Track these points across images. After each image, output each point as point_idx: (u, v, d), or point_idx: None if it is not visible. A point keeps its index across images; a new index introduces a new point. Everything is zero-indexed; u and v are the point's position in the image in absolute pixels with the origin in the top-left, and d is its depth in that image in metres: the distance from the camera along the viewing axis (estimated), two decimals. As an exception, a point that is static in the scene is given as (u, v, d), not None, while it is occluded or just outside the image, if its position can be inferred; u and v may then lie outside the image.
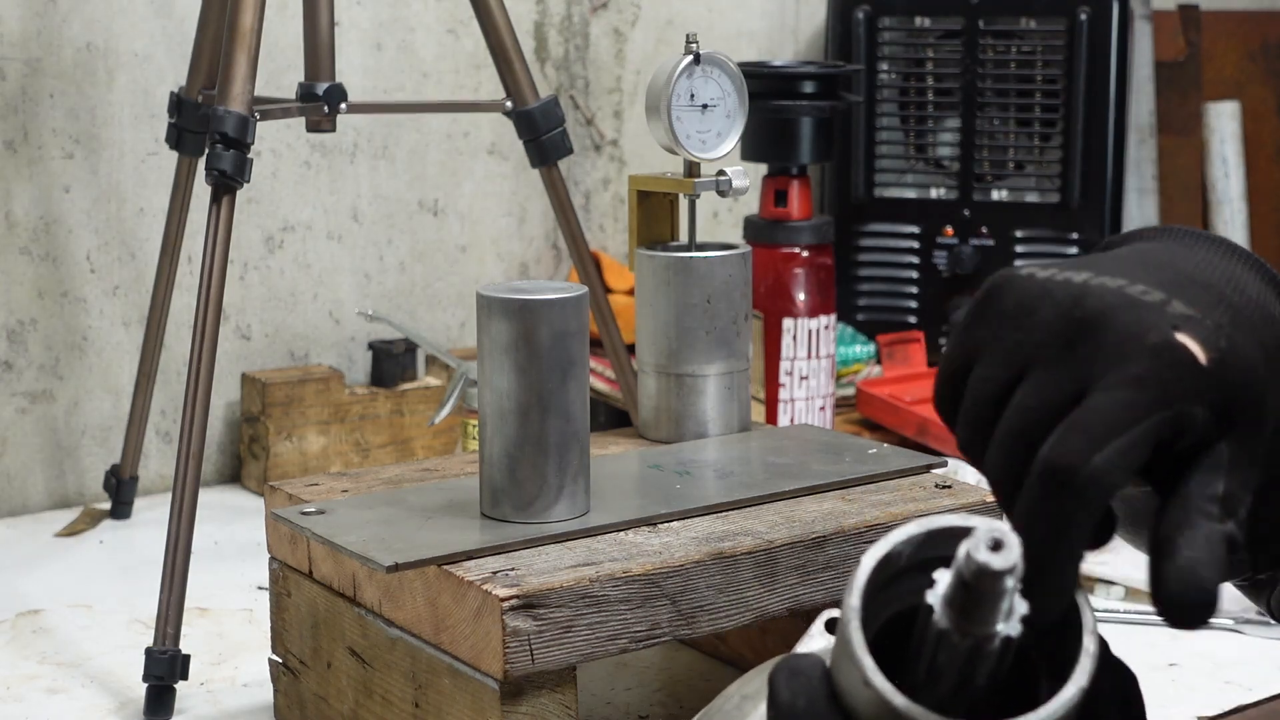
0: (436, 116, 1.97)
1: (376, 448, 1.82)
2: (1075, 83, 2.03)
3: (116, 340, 1.78)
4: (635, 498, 1.11)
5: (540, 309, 1.04)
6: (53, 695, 1.28)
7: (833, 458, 1.20)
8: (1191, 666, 1.32)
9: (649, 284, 1.24)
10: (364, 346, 1.92)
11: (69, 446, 1.77)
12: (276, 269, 1.88)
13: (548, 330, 1.04)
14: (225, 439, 1.86)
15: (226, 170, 1.34)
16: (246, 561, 1.57)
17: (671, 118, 1.19)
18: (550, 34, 2.05)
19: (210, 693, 1.28)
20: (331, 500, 1.10)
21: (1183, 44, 2.44)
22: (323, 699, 1.14)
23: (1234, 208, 2.50)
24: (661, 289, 1.20)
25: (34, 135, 1.71)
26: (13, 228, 1.71)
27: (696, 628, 1.02)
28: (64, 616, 1.44)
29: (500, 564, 0.99)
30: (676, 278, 1.20)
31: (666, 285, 1.19)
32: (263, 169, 1.83)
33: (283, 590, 1.17)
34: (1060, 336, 0.63)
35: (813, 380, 1.70)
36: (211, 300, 1.32)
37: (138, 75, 1.77)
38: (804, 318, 1.68)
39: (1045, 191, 2.07)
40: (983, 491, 1.14)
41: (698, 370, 1.21)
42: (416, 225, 1.97)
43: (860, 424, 1.86)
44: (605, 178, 2.12)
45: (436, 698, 1.01)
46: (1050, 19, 2.05)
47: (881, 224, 2.11)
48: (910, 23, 2.09)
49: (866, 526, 1.07)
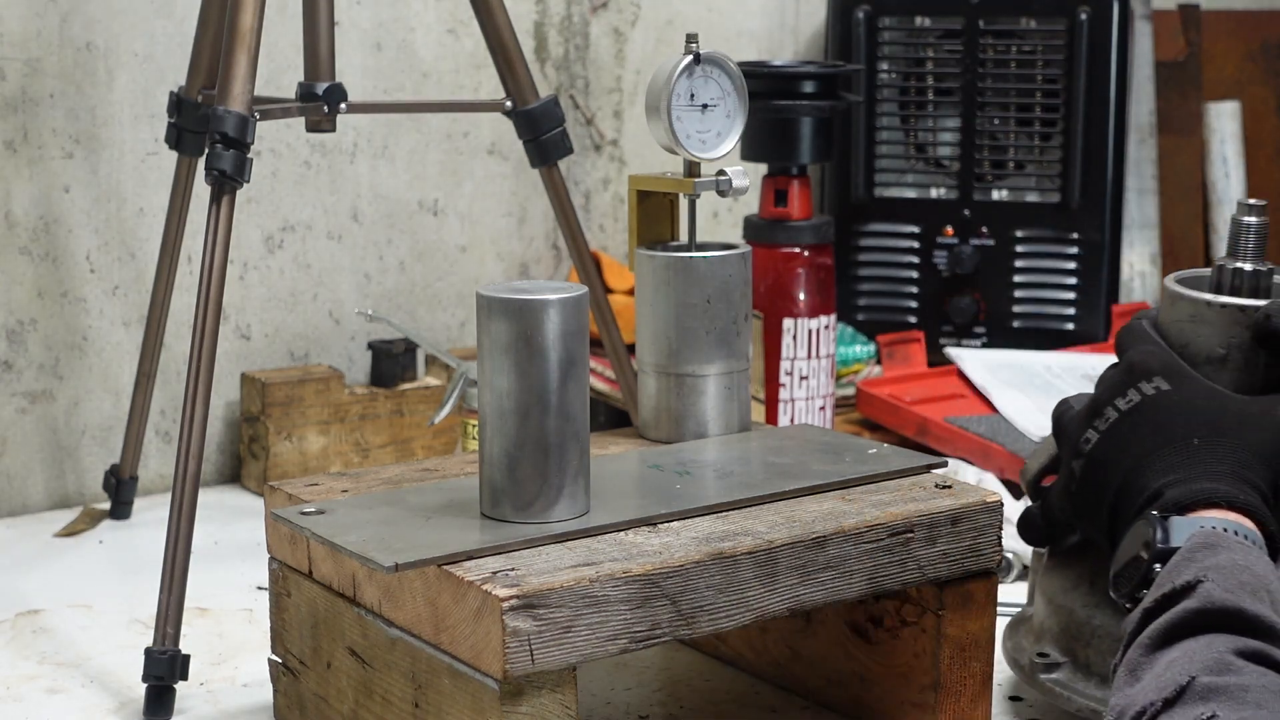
0: (436, 116, 1.97)
1: (376, 448, 1.82)
2: (1075, 83, 2.03)
3: (116, 340, 1.78)
4: (635, 498, 1.11)
5: (540, 309, 1.04)
6: (53, 695, 1.28)
7: (833, 458, 1.20)
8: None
9: (649, 284, 1.24)
10: (364, 346, 1.92)
11: (69, 446, 1.77)
12: (276, 269, 1.88)
13: (548, 330, 1.04)
14: (225, 439, 1.86)
15: (226, 170, 1.34)
16: (246, 561, 1.57)
17: (671, 118, 1.19)
18: (550, 34, 2.05)
19: (210, 693, 1.28)
20: (331, 500, 1.10)
21: (1183, 44, 2.44)
22: (323, 699, 1.14)
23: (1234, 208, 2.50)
24: (661, 289, 1.20)
25: (34, 135, 1.71)
26: (13, 228, 1.71)
27: (696, 628, 1.02)
28: (64, 616, 1.44)
29: (500, 564, 0.99)
30: (676, 278, 1.20)
31: (666, 285, 1.19)
32: (263, 169, 1.83)
33: (283, 590, 1.17)
34: None
35: (813, 380, 1.70)
36: (211, 300, 1.32)
37: (138, 75, 1.77)
38: (804, 318, 1.68)
39: (1045, 191, 2.06)
40: (983, 492, 1.14)
41: (698, 370, 1.21)
42: (416, 225, 1.97)
43: (860, 424, 1.86)
44: (605, 178, 2.12)
45: (436, 698, 1.01)
46: (1050, 19, 2.05)
47: (881, 224, 2.11)
48: (910, 23, 2.09)
49: (866, 526, 1.07)
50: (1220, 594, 0.89)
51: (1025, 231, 2.07)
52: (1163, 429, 1.02)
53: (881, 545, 1.08)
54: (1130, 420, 1.04)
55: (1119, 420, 1.04)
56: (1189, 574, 0.91)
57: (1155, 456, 1.01)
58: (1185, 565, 0.93)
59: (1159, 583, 0.93)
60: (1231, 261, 1.08)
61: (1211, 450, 1.00)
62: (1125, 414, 1.04)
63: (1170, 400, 1.03)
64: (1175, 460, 1.00)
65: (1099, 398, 1.07)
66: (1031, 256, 2.06)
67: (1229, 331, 1.07)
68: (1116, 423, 1.04)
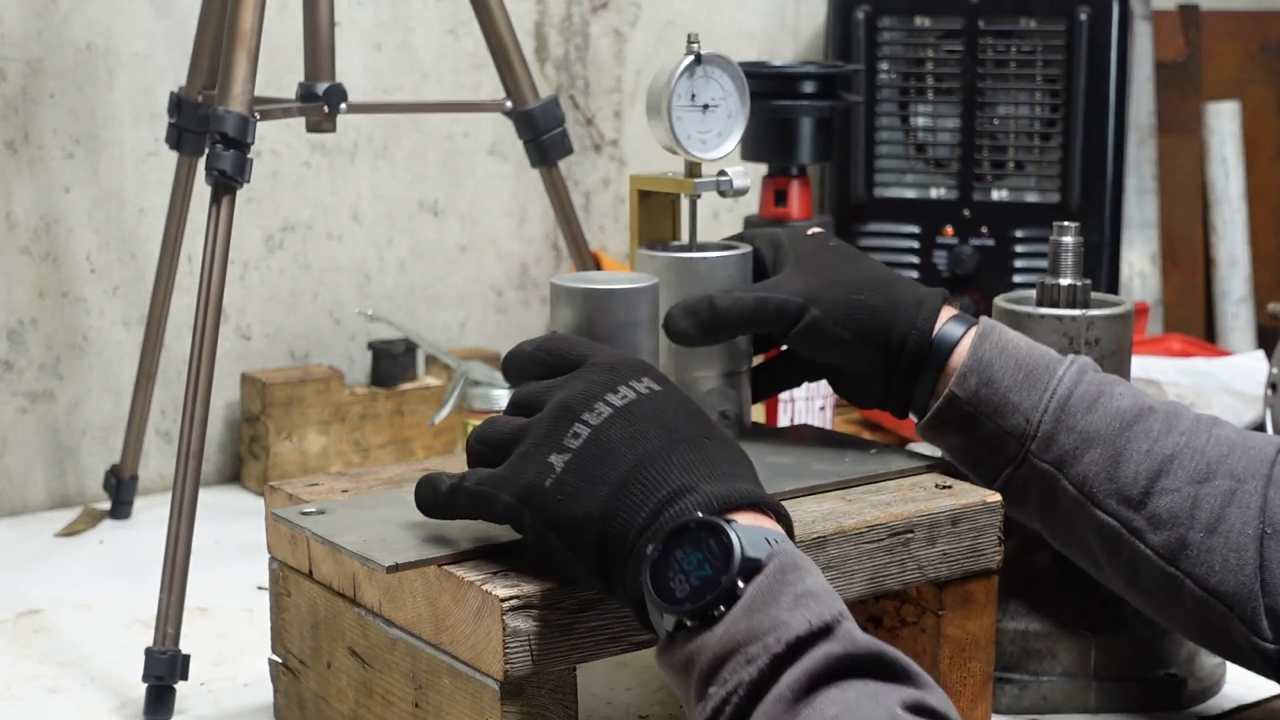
0: (436, 116, 1.97)
1: (376, 448, 1.82)
2: (1075, 83, 2.03)
3: (117, 340, 1.78)
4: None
5: (601, 298, 1.07)
6: (53, 695, 1.28)
7: (833, 458, 1.20)
8: (1191, 666, 1.32)
9: None
10: (364, 346, 1.92)
11: (69, 446, 1.77)
12: (277, 269, 1.88)
13: (611, 318, 1.07)
14: (225, 439, 1.86)
15: (226, 170, 1.34)
16: (246, 561, 1.57)
17: (672, 118, 1.19)
18: (550, 34, 2.05)
19: (210, 693, 1.28)
20: (331, 500, 1.10)
21: (1183, 44, 2.44)
22: (323, 699, 1.14)
23: (1234, 208, 2.50)
24: (662, 289, 1.20)
25: (34, 135, 1.71)
26: (13, 228, 1.71)
27: (696, 628, 1.02)
28: (64, 616, 1.44)
29: (500, 564, 0.99)
30: (677, 278, 1.20)
31: (667, 286, 1.19)
32: (263, 169, 1.83)
33: (283, 590, 1.17)
34: None
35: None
36: (211, 300, 1.32)
37: (138, 75, 1.77)
38: (804, 318, 1.68)
39: (1045, 191, 2.07)
40: (983, 492, 1.14)
41: (698, 372, 1.21)
42: (416, 225, 1.97)
43: (860, 424, 1.86)
44: (605, 178, 2.12)
45: (436, 698, 1.01)
46: (1050, 19, 2.05)
47: (881, 224, 2.11)
48: (910, 23, 2.09)
49: (866, 526, 1.07)
50: (861, 636, 0.81)
51: (1025, 231, 2.07)
52: (670, 428, 0.94)
53: (881, 545, 1.08)
54: (629, 415, 0.94)
55: (615, 415, 0.94)
56: (816, 610, 0.81)
57: (670, 452, 0.92)
58: (787, 594, 0.83)
59: (766, 622, 0.81)
60: (1053, 278, 1.24)
61: (725, 453, 0.94)
62: (621, 409, 0.94)
63: (670, 400, 0.96)
64: (693, 458, 0.92)
65: (584, 392, 0.96)
66: (1031, 256, 2.06)
67: (1051, 340, 1.20)
68: (613, 417, 0.94)
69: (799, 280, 1.15)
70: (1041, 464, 1.11)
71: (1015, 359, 1.12)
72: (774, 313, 1.14)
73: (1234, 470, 1.07)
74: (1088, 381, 1.11)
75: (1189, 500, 1.07)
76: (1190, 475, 1.08)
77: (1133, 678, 1.22)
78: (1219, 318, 2.48)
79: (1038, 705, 1.22)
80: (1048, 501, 1.13)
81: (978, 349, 1.12)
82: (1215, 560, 1.06)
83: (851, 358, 1.15)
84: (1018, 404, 1.11)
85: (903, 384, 1.15)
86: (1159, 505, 1.08)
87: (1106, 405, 1.10)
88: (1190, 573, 1.07)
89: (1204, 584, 1.06)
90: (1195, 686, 1.24)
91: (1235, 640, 1.07)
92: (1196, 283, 2.50)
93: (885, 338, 1.14)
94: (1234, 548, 1.05)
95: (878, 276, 1.15)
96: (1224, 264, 2.48)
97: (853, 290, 1.14)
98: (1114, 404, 1.10)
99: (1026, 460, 1.12)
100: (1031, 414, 1.11)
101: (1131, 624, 1.22)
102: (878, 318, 1.13)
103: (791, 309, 1.14)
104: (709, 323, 1.15)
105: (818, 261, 1.17)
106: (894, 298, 1.14)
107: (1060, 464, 1.11)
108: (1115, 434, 1.09)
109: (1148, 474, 1.08)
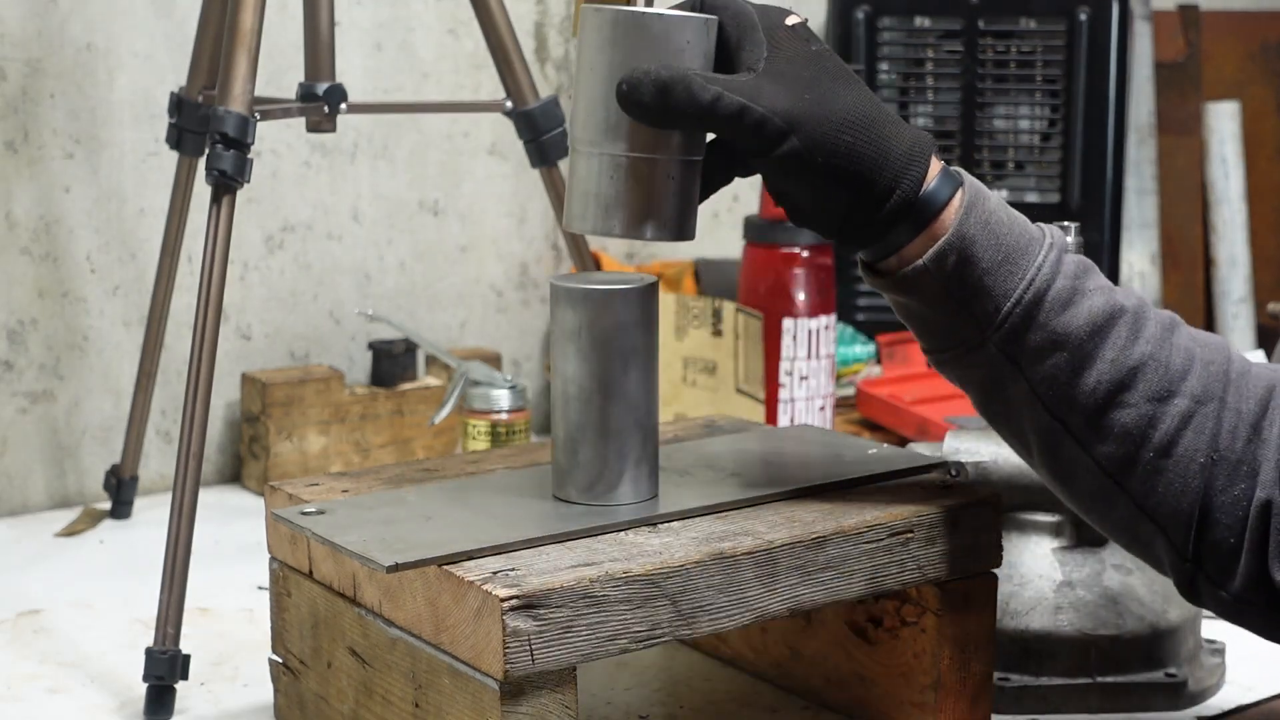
0: (436, 116, 1.97)
1: (376, 448, 1.83)
2: (1075, 83, 2.04)
3: (117, 340, 1.79)
4: (635, 498, 1.11)
5: (601, 299, 1.07)
6: (53, 695, 1.28)
7: (833, 458, 1.20)
8: (1191, 666, 1.32)
9: (591, 44, 1.02)
10: (364, 346, 1.92)
11: (69, 446, 1.77)
12: (277, 269, 1.88)
13: (609, 319, 1.07)
14: (225, 439, 1.86)
15: (227, 170, 1.34)
16: (246, 561, 1.57)
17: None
18: (550, 34, 2.05)
19: (210, 693, 1.28)
20: (331, 500, 1.10)
21: (1183, 44, 2.44)
22: (323, 699, 1.14)
23: (1234, 207, 2.50)
24: (605, 50, 1.01)
25: (34, 135, 1.71)
26: (13, 228, 1.71)
27: (696, 628, 1.02)
28: (64, 616, 1.44)
29: (500, 564, 0.99)
30: (625, 38, 1.01)
31: (611, 46, 1.01)
32: (263, 169, 1.83)
33: (283, 590, 1.17)
34: None
35: (813, 380, 1.70)
36: (211, 300, 1.32)
37: (138, 75, 1.77)
38: (804, 318, 1.68)
39: (1045, 191, 2.07)
40: (983, 492, 1.14)
41: (635, 151, 1.02)
42: (416, 225, 1.97)
43: (860, 424, 1.86)
44: (605, 178, 2.12)
45: (436, 698, 1.01)
46: (1050, 19, 2.05)
47: (881, 224, 2.11)
48: (910, 23, 2.09)
49: (866, 527, 1.07)
50: None
51: (1025, 231, 2.07)
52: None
53: (881, 545, 1.08)
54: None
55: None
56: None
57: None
58: None
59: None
60: None
61: None
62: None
63: None
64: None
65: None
66: (1031, 256, 2.06)
67: None
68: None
69: (780, 94, 0.99)
70: (1000, 355, 1.03)
71: (997, 236, 1.03)
72: (751, 127, 0.99)
73: (1193, 389, 1.02)
74: (1064, 274, 1.03)
75: (1145, 419, 1.02)
76: (1151, 391, 1.02)
77: (1133, 678, 1.22)
78: (1219, 318, 2.48)
79: (1038, 705, 1.22)
80: (993, 388, 1.05)
81: (963, 224, 1.02)
82: (1159, 483, 1.01)
83: (817, 198, 1.02)
84: (991, 288, 1.01)
85: (867, 232, 1.03)
86: (1114, 419, 1.02)
87: (1079, 305, 1.02)
88: (1131, 490, 1.02)
89: (1142, 503, 1.02)
90: (1195, 686, 1.24)
91: (1156, 554, 1.03)
92: (1196, 283, 2.50)
93: (865, 188, 1.00)
94: (1181, 474, 1.01)
95: (867, 114, 1.01)
96: (1224, 264, 2.49)
97: (840, 128, 0.99)
98: (1087, 303, 1.03)
99: (984, 347, 1.03)
100: (1003, 302, 1.02)
101: (1130, 621, 1.22)
102: (861, 167, 1.00)
103: (770, 131, 0.99)
104: (679, 109, 0.99)
105: (801, 75, 1.00)
106: (884, 146, 1.00)
107: (1020, 360, 1.03)
108: (1084, 339, 1.02)
109: (1109, 385, 1.02)
